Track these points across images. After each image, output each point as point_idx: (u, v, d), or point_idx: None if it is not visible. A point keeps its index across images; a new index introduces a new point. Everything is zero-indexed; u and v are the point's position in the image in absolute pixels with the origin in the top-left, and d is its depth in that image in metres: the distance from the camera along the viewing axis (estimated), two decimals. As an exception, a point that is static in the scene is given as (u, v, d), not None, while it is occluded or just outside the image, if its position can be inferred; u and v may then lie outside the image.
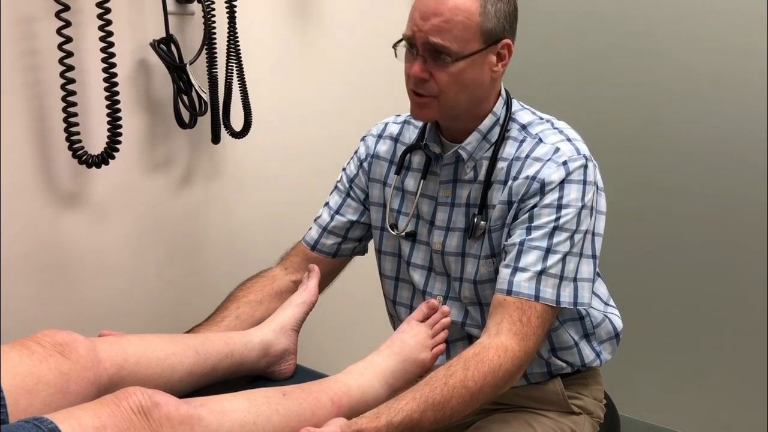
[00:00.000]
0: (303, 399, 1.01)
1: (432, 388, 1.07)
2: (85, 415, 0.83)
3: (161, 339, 1.08)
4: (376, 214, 1.42)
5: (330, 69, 1.89)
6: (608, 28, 2.15)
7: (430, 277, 1.37)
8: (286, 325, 1.24)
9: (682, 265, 2.16)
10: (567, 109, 1.59)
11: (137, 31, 1.42)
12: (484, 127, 1.28)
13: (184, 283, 1.62)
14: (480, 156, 1.29)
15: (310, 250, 1.46)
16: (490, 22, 1.18)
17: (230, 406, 0.94)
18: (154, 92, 1.47)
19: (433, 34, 1.16)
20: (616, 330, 1.38)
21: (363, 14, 1.97)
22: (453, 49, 1.16)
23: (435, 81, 1.19)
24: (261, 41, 1.68)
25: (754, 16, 1.92)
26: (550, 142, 1.25)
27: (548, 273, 1.19)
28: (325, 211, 1.47)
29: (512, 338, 1.15)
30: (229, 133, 1.57)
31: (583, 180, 1.22)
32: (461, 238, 1.31)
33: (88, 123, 1.34)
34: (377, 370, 1.13)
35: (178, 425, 0.86)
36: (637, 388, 2.24)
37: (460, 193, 1.31)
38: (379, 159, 1.42)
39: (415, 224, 1.37)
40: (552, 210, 1.21)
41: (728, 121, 2.01)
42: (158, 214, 1.54)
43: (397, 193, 1.39)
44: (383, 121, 1.47)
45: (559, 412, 1.36)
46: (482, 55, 1.20)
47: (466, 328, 1.34)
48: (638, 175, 2.17)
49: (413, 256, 1.37)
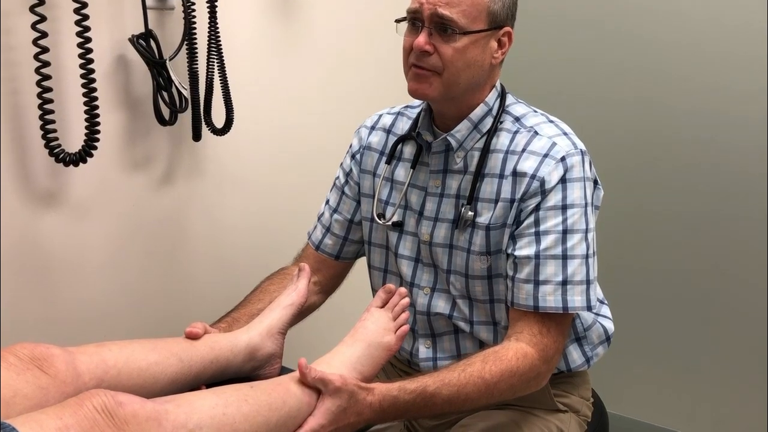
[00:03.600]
0: (272, 389, 1.01)
1: (450, 370, 1.12)
2: (47, 417, 0.80)
3: (143, 347, 1.06)
4: (366, 205, 1.42)
5: (313, 64, 1.87)
6: (604, 31, 2.17)
7: (417, 269, 1.36)
8: (273, 328, 1.22)
9: (671, 262, 2.17)
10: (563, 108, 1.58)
11: (115, 26, 1.39)
12: (475, 116, 1.28)
13: (165, 282, 1.60)
14: (471, 146, 1.28)
15: (315, 250, 1.48)
16: (496, 5, 1.21)
17: (198, 401, 0.93)
18: (134, 89, 1.45)
19: (442, 6, 1.18)
20: (607, 333, 1.38)
21: (346, 8, 1.95)
22: (461, 22, 1.18)
23: (439, 54, 1.20)
24: (242, 36, 1.66)
25: (752, 20, 1.93)
26: (547, 135, 1.25)
27: (573, 281, 1.20)
28: (325, 209, 1.49)
29: (532, 348, 1.18)
30: (210, 130, 1.55)
31: (582, 176, 1.23)
32: (449, 229, 1.30)
33: (65, 120, 1.31)
34: (343, 358, 1.13)
35: (145, 422, 0.83)
36: (626, 385, 2.26)
37: (450, 183, 1.31)
38: (370, 150, 1.42)
39: (403, 214, 1.37)
40: (557, 212, 1.21)
41: (728, 122, 2.02)
42: (138, 213, 1.51)
43: (386, 183, 1.39)
44: (378, 113, 1.47)
45: (545, 410, 1.36)
46: (486, 36, 1.21)
47: (453, 320, 1.33)
48: (629, 175, 2.18)
49: (401, 246, 1.37)
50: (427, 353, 1.37)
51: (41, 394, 0.90)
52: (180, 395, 0.94)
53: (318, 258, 1.47)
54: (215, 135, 1.57)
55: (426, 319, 1.36)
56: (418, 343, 1.38)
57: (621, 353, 1.75)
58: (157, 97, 1.44)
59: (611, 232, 1.96)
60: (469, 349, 1.33)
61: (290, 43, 1.80)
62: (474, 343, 1.33)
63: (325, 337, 1.33)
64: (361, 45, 2.01)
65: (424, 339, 1.38)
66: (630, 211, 2.19)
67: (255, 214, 1.79)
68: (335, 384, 1.02)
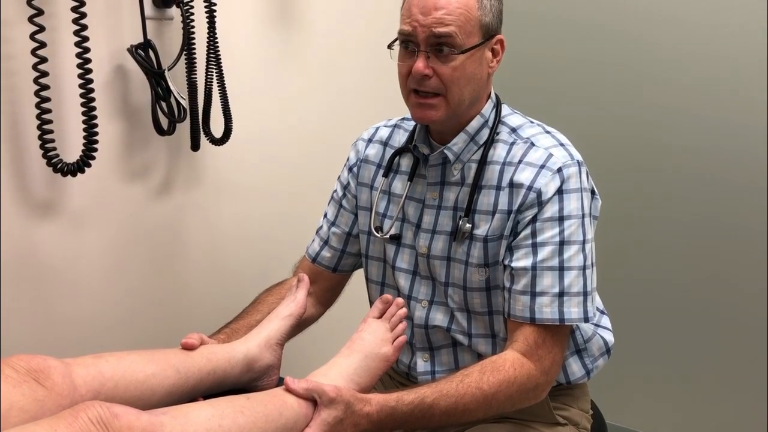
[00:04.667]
0: (268, 401, 1.00)
1: (448, 381, 1.12)
2: (41, 429, 0.80)
3: (141, 358, 1.05)
4: (363, 218, 1.42)
5: (311, 74, 1.87)
6: (600, 34, 2.17)
7: (415, 282, 1.36)
8: (271, 339, 1.21)
9: (670, 271, 2.17)
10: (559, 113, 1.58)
11: (114, 36, 1.39)
12: (472, 128, 1.28)
13: (163, 293, 1.59)
14: (468, 158, 1.28)
15: (311, 263, 1.47)
16: (487, 16, 1.20)
17: (194, 413, 0.92)
18: (132, 98, 1.44)
19: (438, 25, 1.17)
20: (607, 345, 1.38)
21: (344, 19, 1.96)
22: (458, 40, 1.17)
23: (439, 77, 1.19)
24: (241, 46, 1.66)
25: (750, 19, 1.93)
26: (543, 146, 1.25)
27: (569, 293, 1.20)
28: (324, 222, 1.48)
29: (529, 358, 1.18)
30: (208, 140, 1.55)
31: (579, 187, 1.22)
32: (447, 241, 1.30)
33: (63, 130, 1.31)
34: (340, 369, 1.12)
35: None
36: (625, 395, 2.25)
37: (447, 195, 1.30)
38: (367, 163, 1.42)
39: (400, 227, 1.36)
40: (554, 223, 1.20)
41: (729, 130, 2.02)
42: (136, 223, 1.51)
43: (383, 196, 1.39)
44: (375, 125, 1.47)
45: (544, 423, 1.35)
46: (481, 50, 1.21)
47: (451, 333, 1.33)
48: (627, 184, 2.18)
49: (398, 259, 1.36)
50: (425, 367, 1.36)
51: (38, 406, 0.89)
52: (176, 407, 0.94)
53: (314, 270, 1.46)
54: (214, 145, 1.56)
55: (424, 333, 1.35)
56: (416, 356, 1.37)
57: (620, 364, 1.75)
58: (155, 107, 1.44)
59: (610, 242, 1.95)
60: (467, 362, 1.32)
61: (289, 53, 1.80)
62: (472, 357, 1.33)
63: (322, 348, 1.32)
64: (359, 55, 2.01)
65: (422, 352, 1.37)
66: (629, 221, 2.19)
67: (253, 224, 1.78)
68: (329, 395, 1.01)
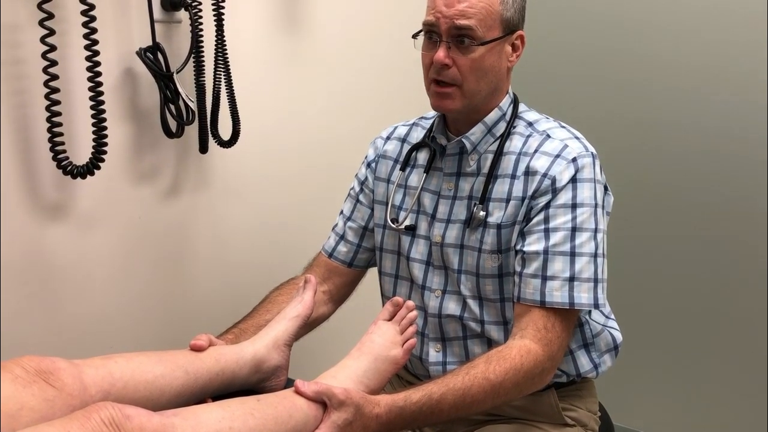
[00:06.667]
0: (278, 402, 1.00)
1: (454, 375, 1.12)
2: (54, 430, 0.80)
3: (150, 359, 1.06)
4: (379, 212, 1.44)
5: (319, 77, 1.88)
6: (609, 29, 2.17)
7: (428, 272, 1.37)
8: (279, 340, 1.22)
9: (678, 273, 2.16)
10: (565, 108, 1.59)
11: (123, 40, 1.40)
12: (489, 120, 1.31)
13: (171, 294, 1.60)
14: (485, 149, 1.31)
15: (327, 258, 1.49)
16: (509, 11, 1.24)
17: (204, 415, 0.93)
18: (141, 101, 1.45)
19: (460, 17, 1.20)
20: (615, 342, 1.38)
21: (352, 21, 1.96)
22: (478, 33, 1.21)
23: (457, 67, 1.23)
24: (249, 49, 1.66)
25: (754, 14, 1.93)
26: (559, 138, 1.28)
27: (580, 278, 1.21)
28: (340, 219, 1.51)
29: (536, 343, 1.18)
30: (217, 142, 1.56)
31: (593, 178, 1.25)
32: (460, 229, 1.32)
33: (73, 133, 1.31)
34: (349, 372, 1.13)
35: None
36: (633, 397, 2.24)
37: (463, 185, 1.33)
38: (385, 158, 1.46)
39: (415, 218, 1.38)
40: (567, 210, 1.23)
41: (729, 123, 2.02)
42: (145, 225, 1.51)
43: (399, 189, 1.41)
44: (393, 125, 1.50)
45: (552, 424, 1.35)
46: (501, 43, 1.25)
47: (463, 321, 1.34)
48: (634, 181, 2.18)
49: (413, 250, 1.38)
50: (437, 357, 1.37)
51: (47, 406, 0.89)
52: (186, 408, 0.94)
53: (329, 266, 1.48)
54: (222, 147, 1.57)
55: (437, 322, 1.36)
56: (428, 347, 1.38)
57: (628, 365, 1.75)
58: (164, 109, 1.45)
59: (619, 243, 1.95)
60: (478, 353, 1.33)
61: (297, 55, 1.81)
62: (484, 347, 1.33)
63: (332, 350, 1.33)
64: (367, 57, 2.01)
65: (435, 343, 1.38)
66: (639, 222, 2.18)
67: (261, 226, 1.78)
68: (339, 397, 1.02)
